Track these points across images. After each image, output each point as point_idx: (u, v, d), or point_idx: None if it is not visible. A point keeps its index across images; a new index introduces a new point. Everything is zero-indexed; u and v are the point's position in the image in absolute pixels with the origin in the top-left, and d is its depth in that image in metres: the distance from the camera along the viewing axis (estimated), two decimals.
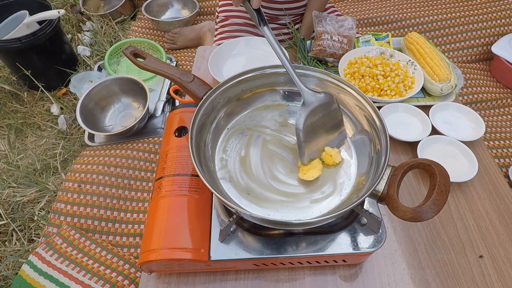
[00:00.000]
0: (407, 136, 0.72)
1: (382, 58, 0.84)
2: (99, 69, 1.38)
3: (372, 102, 0.52)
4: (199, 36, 1.57)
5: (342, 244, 0.49)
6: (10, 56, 1.30)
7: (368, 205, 0.52)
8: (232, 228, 0.50)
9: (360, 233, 0.50)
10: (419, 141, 0.70)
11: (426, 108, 0.77)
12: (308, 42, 0.96)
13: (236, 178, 0.52)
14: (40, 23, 1.30)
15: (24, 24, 1.27)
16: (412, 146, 0.72)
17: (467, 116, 0.78)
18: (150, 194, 0.96)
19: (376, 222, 0.48)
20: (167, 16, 1.77)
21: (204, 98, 0.53)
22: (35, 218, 0.98)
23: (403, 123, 0.76)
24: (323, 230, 0.50)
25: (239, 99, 0.59)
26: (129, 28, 1.69)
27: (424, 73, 0.81)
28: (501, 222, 0.63)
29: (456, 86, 0.78)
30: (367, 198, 0.50)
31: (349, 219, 0.51)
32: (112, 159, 0.99)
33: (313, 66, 0.87)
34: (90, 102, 1.09)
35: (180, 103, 0.81)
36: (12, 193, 1.04)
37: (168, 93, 1.22)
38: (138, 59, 0.58)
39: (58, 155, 1.14)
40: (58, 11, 1.28)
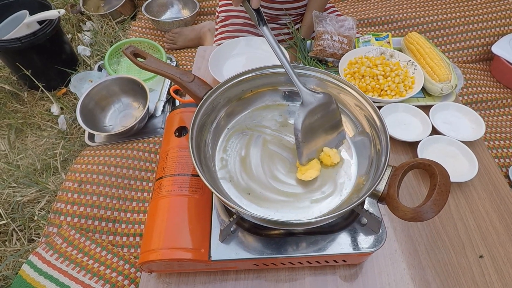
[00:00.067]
0: (407, 136, 0.72)
1: (382, 58, 0.84)
2: (99, 69, 1.38)
3: (372, 102, 0.52)
4: (199, 36, 1.57)
5: (342, 244, 0.49)
6: (10, 56, 1.30)
7: (368, 205, 0.52)
8: (232, 228, 0.50)
9: (360, 233, 0.50)
10: (419, 141, 0.71)
11: (426, 108, 0.77)
12: (308, 42, 0.97)
13: (236, 178, 0.52)
14: (40, 23, 1.30)
15: (24, 24, 1.27)
16: (412, 146, 0.72)
17: (467, 116, 0.78)
18: (150, 194, 0.96)
19: (376, 222, 0.48)
20: (167, 16, 1.77)
21: (204, 98, 0.53)
22: (35, 218, 0.98)
23: (403, 123, 0.77)
24: (323, 230, 0.50)
25: (239, 99, 0.59)
26: (129, 28, 1.69)
27: (424, 73, 0.81)
28: (501, 222, 0.63)
29: (456, 86, 0.78)
30: (367, 198, 0.50)
31: (349, 219, 0.51)
32: (112, 159, 0.99)
33: (313, 66, 0.87)
34: (90, 102, 1.09)
35: (180, 103, 0.81)
36: (12, 193, 1.04)
37: (168, 93, 1.22)
38: (139, 59, 0.58)
39: (58, 155, 1.14)
40: (58, 11, 1.28)
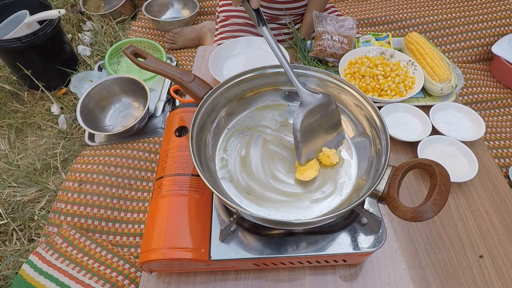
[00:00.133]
0: (407, 136, 0.72)
1: (383, 58, 0.84)
2: (100, 69, 1.38)
3: (373, 102, 0.52)
4: (200, 36, 1.57)
5: (342, 244, 0.49)
6: (10, 55, 1.30)
7: (368, 205, 0.52)
8: (232, 228, 0.50)
9: (360, 233, 0.50)
10: (419, 141, 0.71)
11: (426, 108, 0.77)
12: (309, 42, 0.97)
13: (236, 178, 0.52)
14: (40, 22, 1.31)
15: (25, 23, 1.27)
16: (412, 146, 0.72)
17: (467, 116, 0.78)
18: (150, 194, 0.96)
19: (376, 222, 0.48)
20: (167, 16, 1.77)
21: (204, 98, 0.53)
22: (35, 218, 0.98)
23: (404, 123, 0.77)
24: (324, 230, 0.50)
25: (239, 99, 0.59)
26: (129, 28, 1.69)
27: (425, 73, 0.81)
28: (501, 222, 0.63)
29: (456, 86, 0.78)
30: (367, 198, 0.50)
31: (349, 219, 0.51)
32: (112, 159, 0.99)
33: (313, 66, 0.87)
34: (90, 102, 1.09)
35: (180, 103, 0.81)
36: (12, 192, 1.04)
37: (168, 93, 1.22)
38: (139, 59, 0.58)
39: (58, 155, 1.14)
40: (59, 11, 1.28)
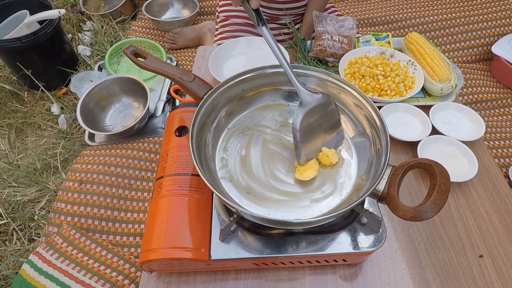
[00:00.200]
0: (407, 136, 0.72)
1: (383, 58, 0.84)
2: (100, 68, 1.38)
3: (373, 102, 0.52)
4: (200, 36, 1.57)
5: (342, 243, 0.49)
6: (10, 55, 1.30)
7: (368, 204, 0.52)
8: (232, 228, 0.50)
9: (360, 232, 0.50)
10: (419, 141, 0.71)
11: (426, 108, 0.77)
12: (309, 42, 0.97)
13: (236, 178, 0.52)
14: (40, 22, 1.31)
15: (25, 23, 1.27)
16: (412, 146, 0.72)
17: (467, 116, 0.78)
18: (150, 193, 0.96)
19: (376, 222, 0.48)
20: (167, 16, 1.77)
21: (204, 97, 0.53)
22: (36, 218, 0.98)
23: (403, 123, 0.77)
24: (323, 230, 0.50)
25: (239, 99, 0.59)
26: (129, 28, 1.69)
27: (424, 73, 0.81)
28: (501, 222, 0.63)
29: (456, 86, 0.78)
30: (367, 198, 0.50)
31: (349, 219, 0.51)
32: (112, 159, 0.99)
33: (313, 66, 0.87)
34: (90, 102, 1.09)
35: (180, 102, 0.81)
36: (12, 192, 1.04)
37: (168, 93, 1.22)
38: (139, 58, 0.58)
39: (58, 155, 1.15)
40: (59, 11, 1.28)
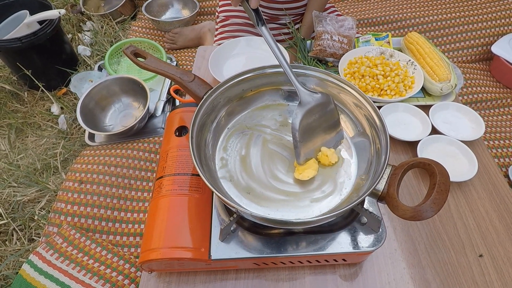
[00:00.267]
0: (407, 135, 0.72)
1: (382, 58, 0.84)
2: (100, 69, 1.38)
3: (372, 102, 0.52)
4: (199, 36, 1.57)
5: (342, 243, 0.49)
6: (10, 56, 1.30)
7: (368, 204, 0.52)
8: (232, 227, 0.50)
9: (360, 232, 0.50)
10: (419, 140, 0.71)
11: (426, 108, 0.77)
12: (308, 42, 0.97)
13: (236, 177, 0.52)
14: (40, 23, 1.31)
15: (25, 24, 1.27)
16: (412, 145, 0.72)
17: (467, 116, 0.78)
18: (150, 193, 0.96)
19: (376, 221, 0.48)
20: (167, 16, 1.77)
21: (204, 97, 0.53)
22: (36, 218, 0.98)
23: (403, 122, 0.77)
24: (323, 229, 0.50)
25: (239, 99, 0.59)
26: (129, 28, 1.69)
27: (424, 73, 0.81)
28: (500, 221, 0.63)
29: (456, 86, 0.78)
30: (367, 197, 0.50)
31: (349, 218, 0.51)
32: (112, 159, 0.99)
33: (313, 66, 0.87)
34: (90, 102, 1.09)
35: (180, 102, 0.81)
36: (12, 192, 1.04)
37: (168, 93, 1.22)
38: (139, 58, 0.58)
39: (58, 155, 1.15)
40: (59, 11, 1.29)
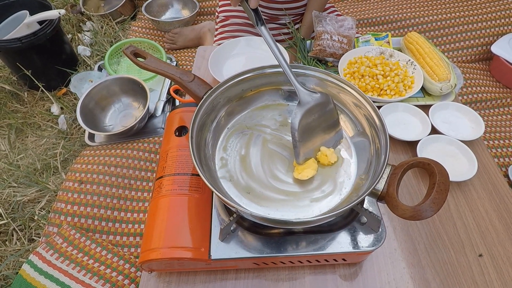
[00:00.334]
0: (406, 135, 0.72)
1: (382, 58, 0.85)
2: (99, 69, 1.38)
3: (372, 102, 0.52)
4: (199, 36, 1.57)
5: (342, 243, 0.49)
6: (10, 56, 1.30)
7: (368, 204, 0.52)
8: (232, 227, 0.50)
9: (360, 232, 0.50)
10: (419, 140, 0.71)
11: (425, 108, 0.77)
12: (308, 42, 0.97)
13: (236, 177, 0.52)
14: (40, 23, 1.31)
15: (25, 24, 1.27)
16: (412, 145, 0.72)
17: (466, 115, 0.78)
18: (150, 193, 0.96)
19: (375, 221, 0.48)
20: (167, 16, 1.78)
21: (204, 97, 0.53)
22: (36, 218, 0.98)
23: (403, 122, 0.77)
24: (323, 229, 0.50)
25: (239, 99, 0.59)
26: (129, 28, 1.69)
27: (424, 72, 0.81)
28: (500, 221, 0.63)
29: (455, 85, 0.79)
30: (367, 197, 0.50)
31: (349, 218, 0.51)
32: (112, 159, 0.99)
33: (313, 66, 0.87)
34: (90, 102, 1.09)
35: (180, 102, 0.81)
36: (12, 192, 1.04)
37: (168, 93, 1.22)
38: (139, 59, 0.58)
39: (58, 155, 1.15)
40: (59, 11, 1.29)
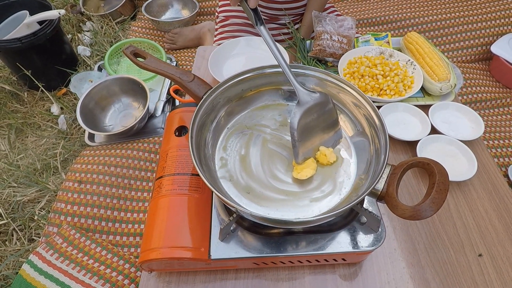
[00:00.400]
0: (406, 135, 0.73)
1: (382, 58, 0.85)
2: (99, 69, 1.38)
3: (372, 102, 0.52)
4: (199, 36, 1.58)
5: (341, 243, 0.49)
6: (10, 56, 1.30)
7: (368, 204, 0.52)
8: (232, 227, 0.50)
9: (359, 232, 0.50)
10: (419, 140, 0.71)
11: (425, 108, 0.77)
12: (308, 42, 0.97)
13: (236, 177, 0.52)
14: (40, 23, 1.31)
15: (25, 24, 1.27)
16: (412, 145, 0.73)
17: (466, 115, 0.78)
18: (150, 193, 0.96)
19: (375, 221, 0.48)
20: (167, 16, 1.78)
21: (204, 97, 0.53)
22: (36, 218, 0.98)
23: (403, 122, 0.77)
24: (323, 229, 0.50)
25: (239, 99, 0.59)
26: (129, 28, 1.69)
27: (424, 72, 0.81)
28: (500, 221, 0.63)
29: (455, 85, 0.79)
30: (366, 197, 0.50)
31: (348, 218, 0.51)
32: (112, 159, 0.99)
33: (312, 66, 0.87)
34: (90, 102, 1.09)
35: (180, 102, 0.81)
36: (12, 192, 1.04)
37: (168, 93, 1.22)
38: (139, 59, 0.58)
39: (58, 155, 1.15)
40: (59, 11, 1.29)
